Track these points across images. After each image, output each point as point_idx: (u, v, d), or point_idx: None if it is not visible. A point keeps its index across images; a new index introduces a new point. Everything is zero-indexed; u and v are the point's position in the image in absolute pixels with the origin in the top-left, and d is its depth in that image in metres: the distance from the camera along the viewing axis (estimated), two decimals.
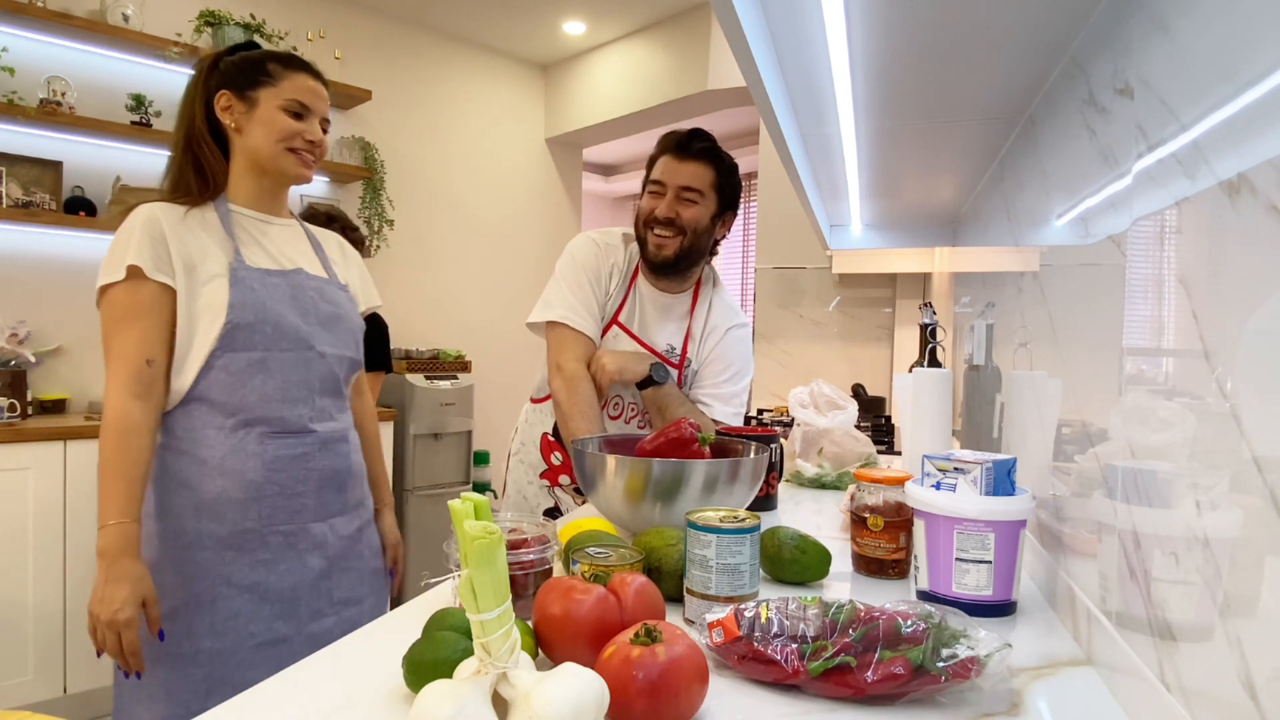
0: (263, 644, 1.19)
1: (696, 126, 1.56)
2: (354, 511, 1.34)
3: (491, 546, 0.57)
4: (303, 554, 1.24)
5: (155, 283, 1.16)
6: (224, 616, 1.17)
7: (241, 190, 1.28)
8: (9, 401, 2.46)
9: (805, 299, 3.39)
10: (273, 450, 1.20)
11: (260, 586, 1.20)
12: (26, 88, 2.61)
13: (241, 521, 1.18)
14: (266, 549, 1.20)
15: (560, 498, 1.69)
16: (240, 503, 1.18)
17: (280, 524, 1.21)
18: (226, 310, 1.16)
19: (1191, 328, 0.58)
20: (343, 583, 1.30)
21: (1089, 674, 0.76)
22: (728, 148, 1.62)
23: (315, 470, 1.25)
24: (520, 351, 4.27)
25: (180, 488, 1.18)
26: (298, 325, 1.23)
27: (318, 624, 1.26)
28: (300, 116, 1.26)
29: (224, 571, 1.18)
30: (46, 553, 2.34)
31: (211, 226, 1.23)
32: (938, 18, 0.93)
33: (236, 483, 1.18)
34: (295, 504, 1.23)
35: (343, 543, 1.30)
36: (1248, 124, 0.50)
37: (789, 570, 1.01)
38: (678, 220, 1.51)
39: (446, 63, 4.04)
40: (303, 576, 1.24)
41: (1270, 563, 0.45)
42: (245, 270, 1.20)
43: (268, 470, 1.20)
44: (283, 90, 1.25)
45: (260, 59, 1.27)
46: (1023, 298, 1.25)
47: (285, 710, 0.66)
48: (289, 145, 1.25)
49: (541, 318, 1.57)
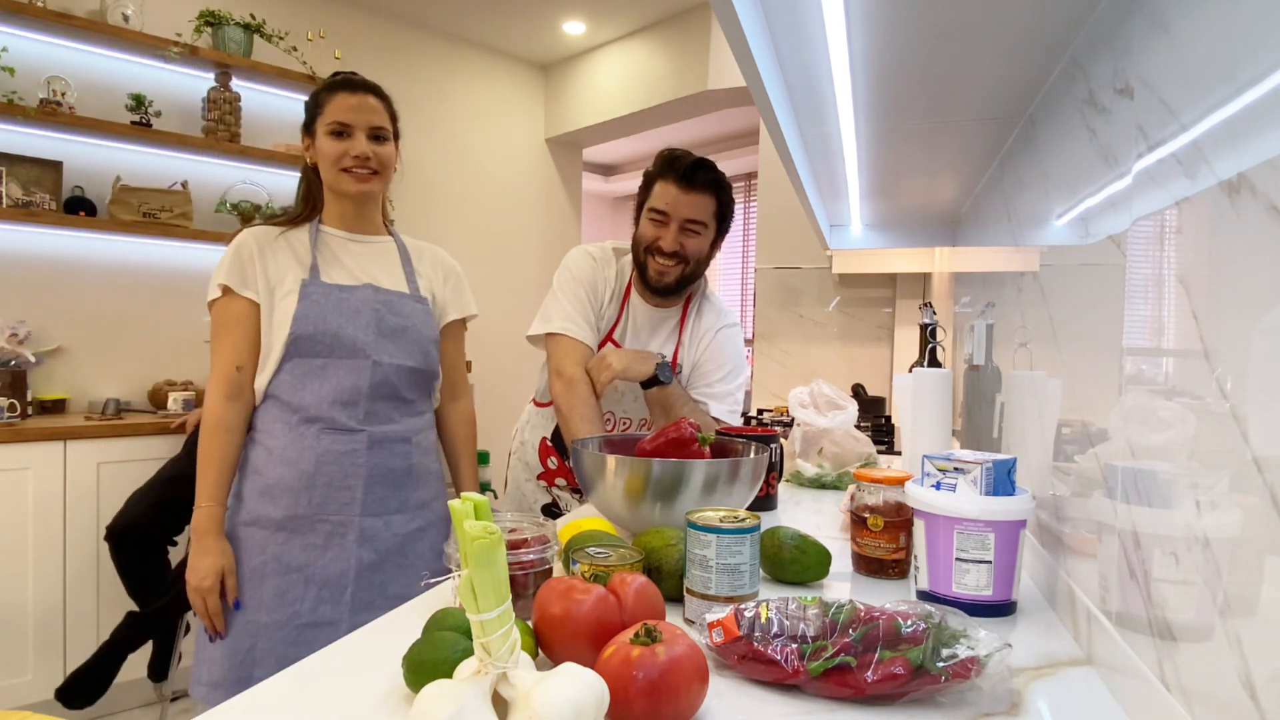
0: (308, 624, 1.30)
1: (698, 156, 1.54)
2: (415, 511, 1.42)
3: (491, 546, 0.57)
4: (351, 544, 1.33)
5: (243, 299, 1.33)
6: (273, 593, 1.29)
7: (331, 212, 1.44)
8: (9, 401, 2.45)
9: (805, 299, 3.39)
10: (326, 444, 1.33)
11: (308, 569, 1.31)
12: (26, 88, 2.61)
13: (294, 507, 1.31)
14: (315, 534, 1.32)
15: (558, 495, 1.70)
16: (294, 490, 1.31)
17: (330, 513, 1.32)
18: (291, 323, 1.31)
19: (1191, 328, 0.58)
20: (398, 579, 1.38)
21: (1089, 674, 0.76)
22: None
23: (364, 466, 1.35)
24: (520, 352, 4.26)
25: (253, 472, 1.34)
26: (356, 336, 1.34)
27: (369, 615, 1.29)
28: (342, 135, 1.36)
29: (277, 550, 1.30)
30: (46, 553, 2.34)
31: (299, 246, 1.39)
32: (938, 18, 0.93)
33: (293, 471, 1.31)
34: (344, 495, 1.33)
35: (399, 540, 1.39)
36: (1248, 124, 0.50)
37: (789, 570, 1.01)
38: (682, 252, 1.52)
39: (446, 63, 4.04)
40: (350, 566, 1.33)
41: (1270, 563, 0.45)
42: (315, 286, 1.35)
43: (319, 462, 1.32)
44: (325, 116, 1.37)
45: (316, 92, 1.40)
46: (1023, 298, 1.26)
47: (286, 710, 0.66)
48: (340, 166, 1.36)
49: (541, 330, 1.59)
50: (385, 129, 1.41)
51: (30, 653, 2.31)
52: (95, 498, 2.41)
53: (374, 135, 1.38)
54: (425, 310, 1.46)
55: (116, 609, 2.44)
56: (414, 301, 1.45)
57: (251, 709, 0.66)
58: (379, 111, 1.40)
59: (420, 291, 1.47)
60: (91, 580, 2.40)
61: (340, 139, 1.36)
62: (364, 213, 1.45)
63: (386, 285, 1.42)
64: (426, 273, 1.51)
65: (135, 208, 2.76)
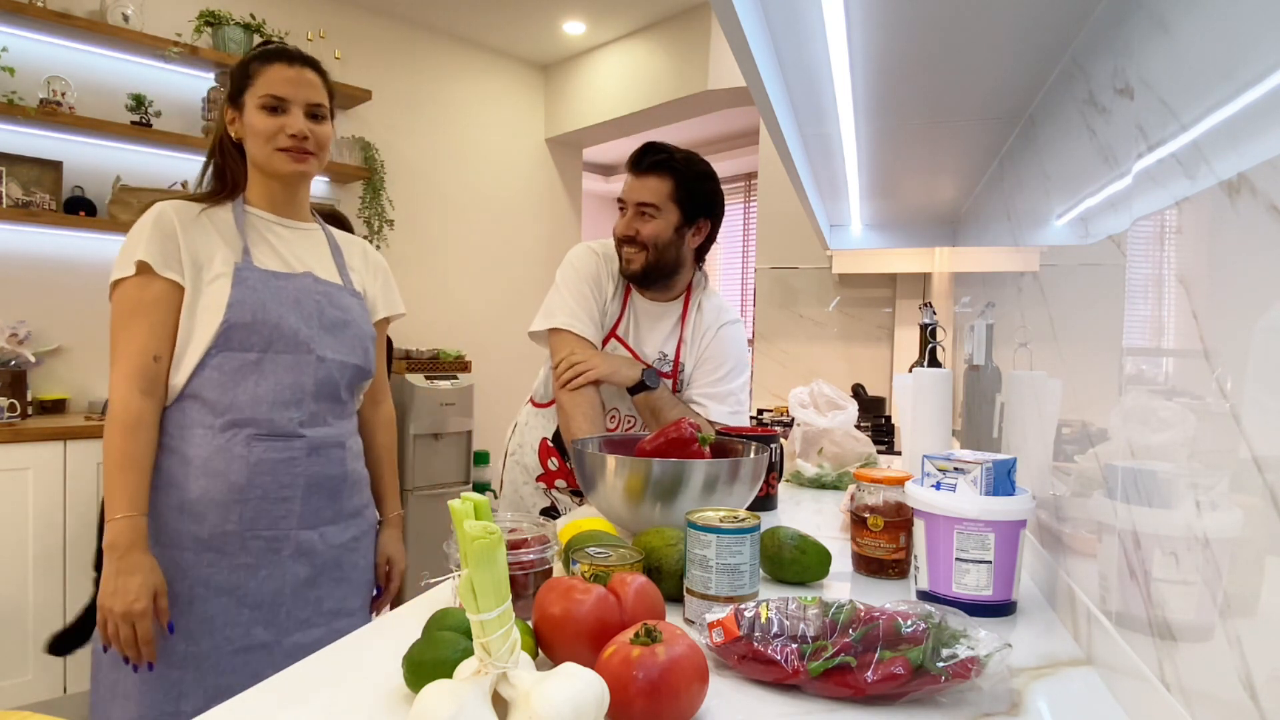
0: (240, 650, 1.17)
1: (652, 140, 1.58)
2: (350, 520, 1.31)
3: (491, 546, 0.57)
4: (286, 560, 1.21)
5: (164, 279, 1.16)
6: (200, 619, 1.16)
7: (256, 193, 1.28)
8: (9, 401, 2.45)
9: (805, 299, 3.39)
10: (259, 453, 1.18)
11: (239, 591, 1.18)
12: (26, 88, 2.61)
13: (223, 524, 1.17)
14: (247, 553, 1.18)
15: (556, 498, 1.70)
16: (222, 504, 1.16)
17: (262, 528, 1.19)
18: (225, 309, 1.16)
19: (1191, 328, 0.58)
20: (334, 593, 1.27)
21: (1089, 674, 0.76)
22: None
23: (303, 475, 1.22)
24: (520, 352, 4.27)
25: (166, 485, 1.17)
26: (298, 328, 1.21)
27: (304, 634, 1.23)
28: (278, 110, 1.22)
29: (202, 573, 1.16)
30: (46, 552, 2.34)
31: (224, 226, 1.23)
32: (938, 17, 0.93)
33: (220, 484, 1.16)
34: (280, 509, 1.20)
35: (334, 551, 1.27)
36: (1248, 124, 0.50)
37: (789, 570, 1.01)
38: (637, 237, 1.53)
39: (446, 63, 4.04)
40: (285, 583, 1.21)
41: (1270, 563, 0.45)
42: (250, 270, 1.19)
43: (252, 473, 1.18)
44: (259, 88, 1.22)
45: (245, 61, 1.25)
46: (1023, 298, 1.26)
47: (286, 710, 0.66)
48: (275, 145, 1.22)
49: (543, 325, 1.58)
50: (324, 106, 1.27)
51: (30, 653, 2.31)
52: (95, 498, 2.41)
53: (311, 113, 1.25)
54: (362, 305, 1.35)
55: None
56: (350, 295, 1.32)
57: (251, 709, 0.66)
58: (317, 87, 1.26)
59: (354, 285, 1.35)
60: (91, 580, 2.40)
61: (274, 114, 1.22)
62: (293, 196, 1.31)
63: (323, 275, 1.30)
64: (358, 266, 1.39)
65: (135, 208, 2.76)
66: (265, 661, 1.18)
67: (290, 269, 1.26)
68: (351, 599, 1.31)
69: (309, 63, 1.27)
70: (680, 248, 1.58)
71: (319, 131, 1.26)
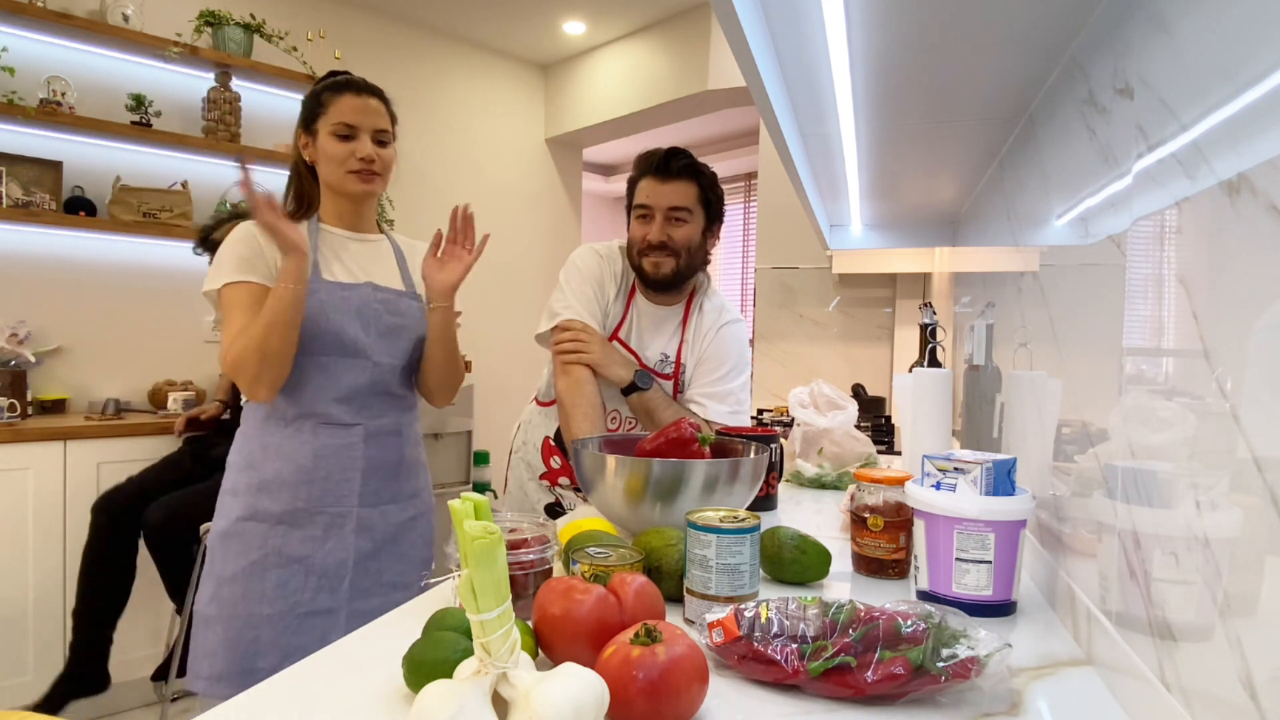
0: (309, 614, 1.33)
1: (672, 146, 1.58)
2: (408, 501, 1.46)
3: (491, 546, 0.57)
4: (349, 535, 1.36)
5: (260, 285, 1.32)
6: (274, 584, 1.31)
7: (329, 210, 1.45)
8: (9, 401, 2.45)
9: (805, 299, 3.39)
10: (323, 439, 1.35)
11: (308, 560, 1.33)
12: (26, 88, 2.61)
13: (294, 501, 1.33)
14: (315, 526, 1.34)
15: (561, 494, 1.70)
16: (292, 484, 1.33)
17: (328, 505, 1.35)
18: None
19: (1191, 328, 0.58)
20: (393, 567, 1.42)
21: (1089, 674, 0.76)
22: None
23: (361, 459, 1.38)
24: (520, 352, 4.27)
25: (246, 467, 1.36)
26: (358, 336, 1.37)
27: (365, 602, 1.38)
28: (349, 138, 1.38)
29: (276, 543, 1.32)
30: (46, 552, 2.34)
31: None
32: (938, 18, 0.93)
33: (291, 466, 1.34)
34: (343, 489, 1.36)
35: (393, 529, 1.42)
36: (1248, 124, 0.50)
37: (789, 570, 1.01)
38: (670, 243, 1.53)
39: (446, 63, 4.04)
40: (348, 555, 1.36)
41: (1270, 563, 0.45)
42: (317, 283, 1.35)
43: (317, 457, 1.35)
44: (330, 116, 1.38)
45: (318, 91, 1.41)
46: (1023, 298, 1.26)
47: (286, 710, 0.66)
48: (346, 168, 1.38)
49: (548, 325, 1.58)
50: (388, 132, 1.44)
51: (30, 653, 2.31)
52: (95, 498, 2.41)
53: (378, 139, 1.41)
54: (420, 307, 1.48)
55: None
56: (409, 299, 1.47)
57: (251, 708, 0.66)
58: (382, 114, 1.43)
59: (415, 289, 1.50)
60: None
61: (346, 141, 1.38)
62: (362, 212, 1.47)
63: (384, 283, 1.45)
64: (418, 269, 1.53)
65: (135, 208, 2.76)
66: (330, 625, 1.34)
67: (354, 279, 1.42)
68: (409, 573, 1.45)
69: (375, 92, 1.44)
70: (703, 252, 1.60)
71: (384, 155, 1.43)
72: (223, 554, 1.34)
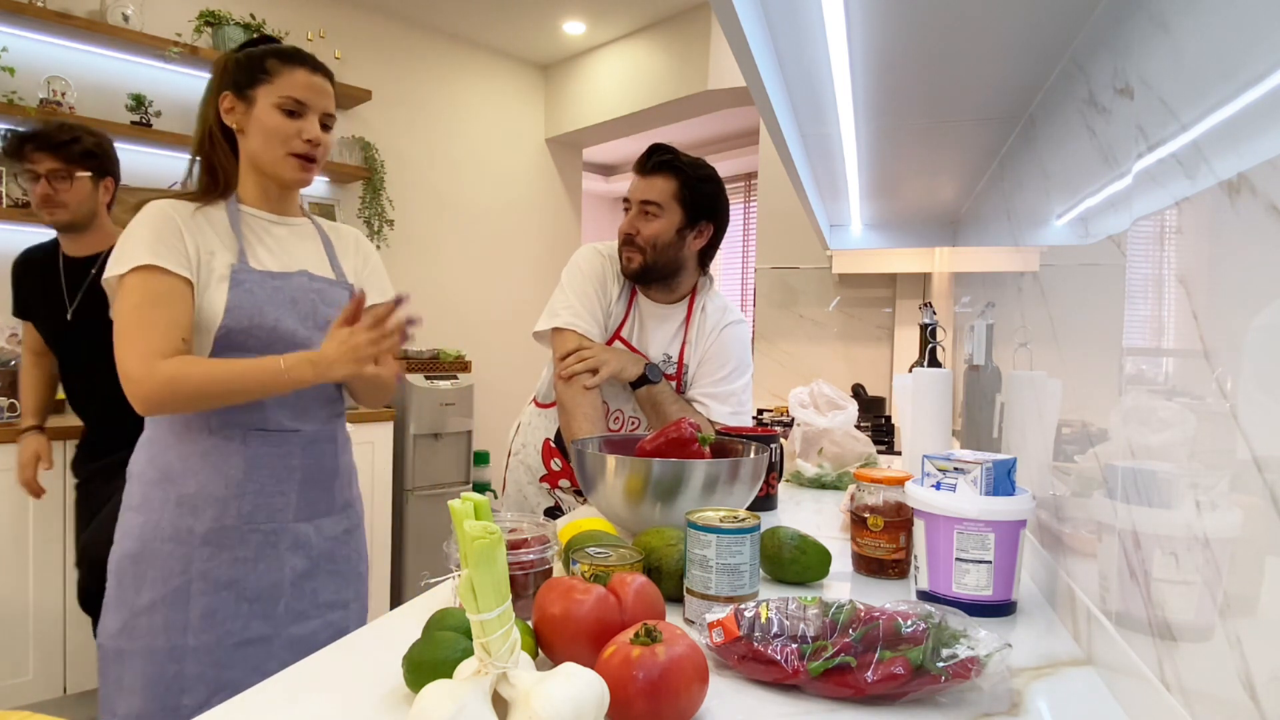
0: (241, 643, 1.18)
1: (659, 143, 1.59)
2: (342, 513, 1.32)
3: (491, 546, 0.57)
4: (284, 553, 1.22)
5: (175, 275, 1.15)
6: (200, 613, 1.16)
7: (249, 190, 1.27)
8: (9, 401, 2.45)
9: (805, 299, 3.39)
10: (254, 448, 1.20)
11: (238, 584, 1.18)
12: (26, 88, 2.61)
13: (221, 518, 1.18)
14: (245, 546, 1.19)
15: (560, 498, 1.70)
16: (220, 499, 1.18)
17: (260, 522, 1.20)
18: (223, 314, 1.16)
19: (1191, 328, 0.58)
20: (328, 585, 1.28)
21: (1089, 674, 0.76)
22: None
23: (299, 469, 1.24)
24: (520, 351, 4.27)
25: (163, 480, 1.18)
26: (295, 330, 1.22)
27: (301, 626, 1.24)
28: (296, 114, 1.22)
29: (203, 567, 1.17)
30: (47, 553, 2.33)
31: (219, 226, 1.22)
32: (938, 18, 0.93)
33: (218, 478, 1.18)
34: (277, 502, 1.22)
35: (328, 544, 1.29)
36: (1248, 124, 0.50)
37: (789, 570, 1.01)
38: (636, 236, 1.54)
39: (446, 63, 4.04)
40: (283, 576, 1.22)
41: (1270, 563, 0.45)
42: (246, 273, 1.20)
43: (249, 468, 1.19)
44: (278, 87, 1.21)
45: (260, 55, 1.23)
46: (1023, 298, 1.25)
47: (286, 710, 0.66)
48: (288, 149, 1.22)
49: (547, 325, 1.58)
50: (333, 117, 1.29)
51: (31, 653, 2.31)
52: None
53: (324, 123, 1.27)
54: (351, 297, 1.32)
55: None
56: (342, 288, 1.32)
57: (251, 707, 0.66)
58: (332, 98, 1.28)
59: (346, 277, 1.35)
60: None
61: (292, 118, 1.22)
62: (290, 195, 1.32)
63: (317, 271, 1.30)
64: (348, 256, 1.39)
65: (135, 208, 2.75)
66: (265, 654, 1.19)
67: (285, 268, 1.25)
68: (345, 590, 1.32)
69: (327, 73, 1.28)
70: (681, 249, 1.57)
71: (326, 141, 1.27)
72: (134, 580, 1.16)
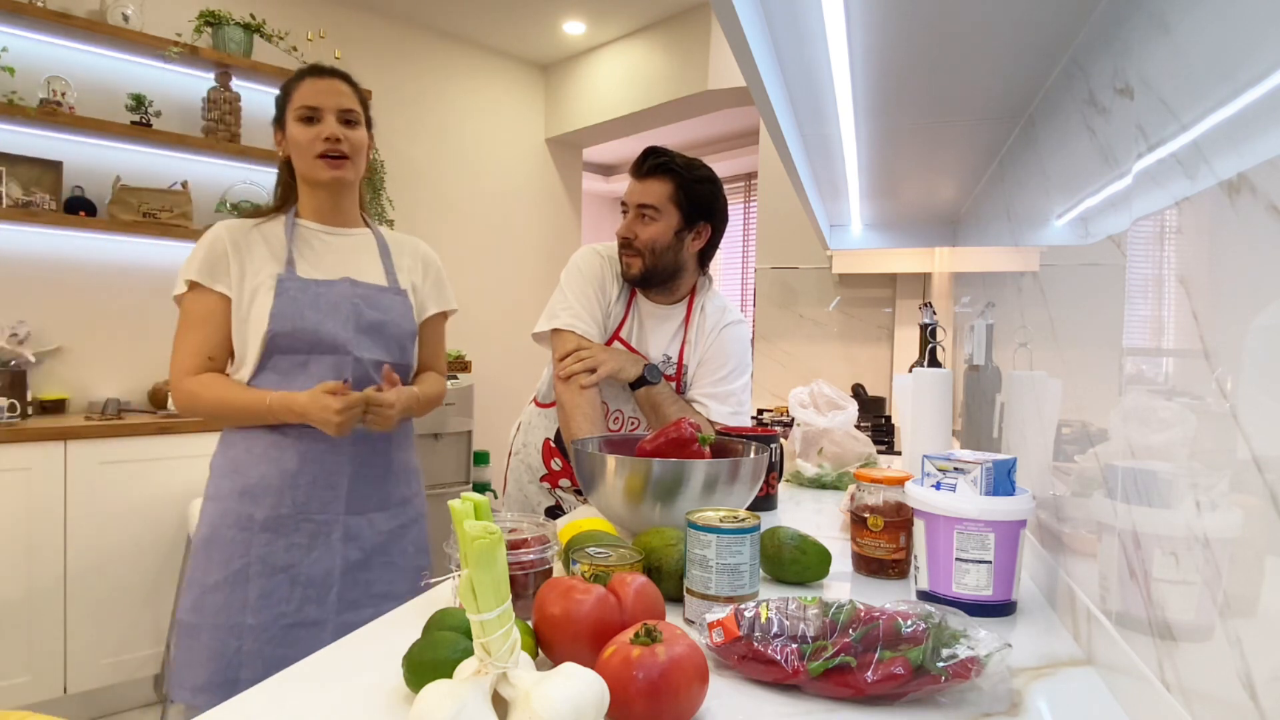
0: (294, 625, 1.28)
1: (654, 145, 1.58)
2: (397, 508, 1.41)
3: (491, 546, 0.57)
4: (335, 543, 1.32)
5: (214, 293, 1.31)
6: (258, 594, 1.27)
7: (305, 205, 1.41)
8: (9, 401, 2.45)
9: (805, 299, 3.39)
10: (307, 443, 1.31)
11: (292, 570, 1.29)
12: (26, 88, 2.61)
13: (277, 506, 1.29)
14: (299, 534, 1.30)
15: (561, 497, 1.70)
16: (276, 489, 1.29)
17: (313, 512, 1.31)
18: (269, 320, 1.29)
19: (1191, 328, 0.58)
20: (382, 577, 1.37)
21: (1089, 674, 0.76)
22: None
23: (348, 464, 1.34)
24: (520, 351, 4.27)
25: (232, 472, 1.31)
26: (336, 333, 1.32)
27: (354, 614, 1.32)
28: (313, 120, 1.33)
29: (260, 552, 1.28)
30: (46, 553, 2.34)
31: (273, 239, 1.36)
32: (938, 18, 0.93)
33: (275, 470, 1.30)
34: (329, 494, 1.32)
35: (382, 538, 1.38)
36: (1248, 124, 0.50)
37: (789, 570, 1.01)
38: (634, 241, 1.54)
39: (446, 63, 4.04)
40: (334, 565, 1.32)
41: (1270, 563, 0.45)
42: (291, 281, 1.32)
43: (302, 460, 1.30)
44: (294, 102, 1.34)
45: (284, 84, 1.38)
46: (1023, 298, 1.26)
47: (286, 710, 0.66)
48: (313, 152, 1.33)
49: (546, 326, 1.58)
50: (355, 111, 1.37)
51: (30, 653, 2.31)
52: (95, 498, 2.41)
53: (344, 119, 1.35)
54: (405, 303, 1.43)
55: (117, 608, 2.44)
56: (393, 294, 1.42)
57: (251, 709, 0.66)
58: (348, 94, 1.37)
59: (400, 284, 1.44)
60: (92, 580, 2.41)
61: (310, 124, 1.33)
62: (340, 205, 1.42)
63: (364, 278, 1.39)
64: (407, 265, 1.48)
65: (135, 208, 2.76)
66: (317, 638, 1.27)
67: (332, 275, 1.37)
68: (399, 583, 1.39)
69: (339, 74, 1.38)
70: (680, 251, 1.57)
71: (352, 136, 1.36)
72: (205, 561, 1.29)
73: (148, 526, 2.51)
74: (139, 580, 2.50)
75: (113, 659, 2.45)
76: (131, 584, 2.48)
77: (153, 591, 2.53)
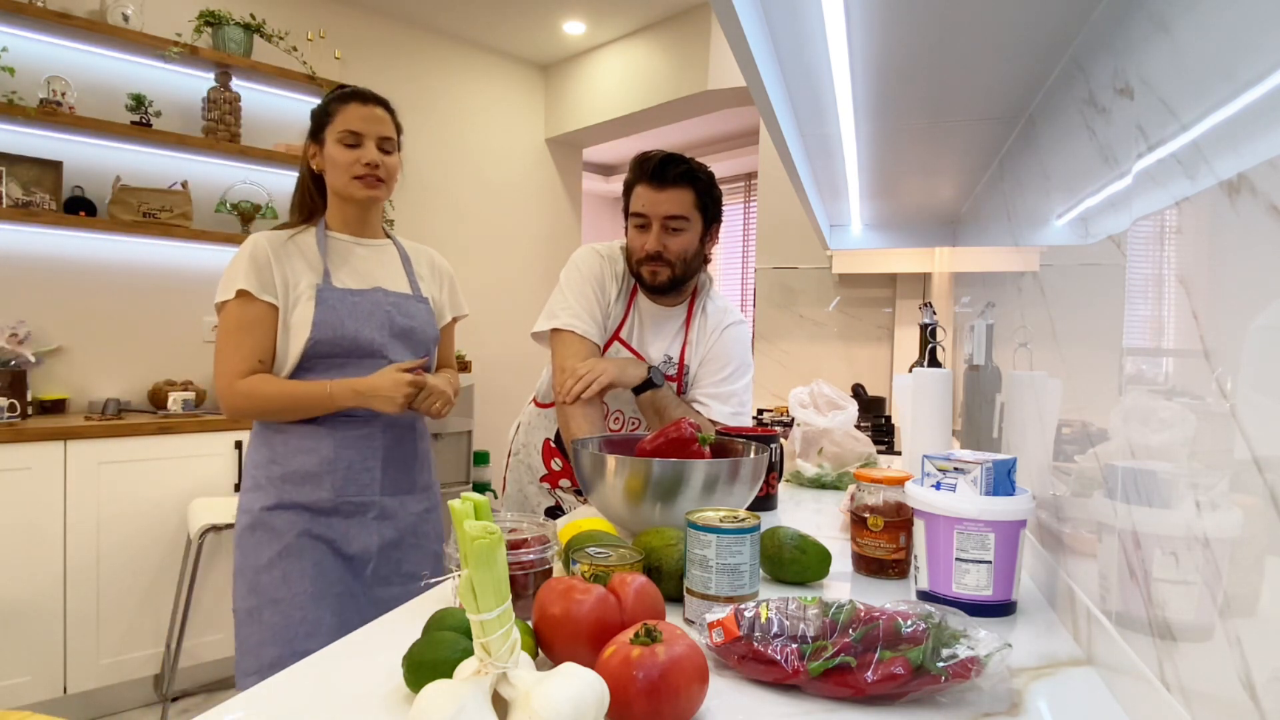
0: (340, 594, 1.39)
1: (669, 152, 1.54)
2: (423, 493, 1.54)
3: (491, 546, 0.57)
4: (371, 522, 1.44)
5: (262, 302, 1.39)
6: (312, 563, 1.37)
7: (334, 217, 1.51)
8: (9, 401, 2.45)
9: (805, 299, 3.39)
10: (343, 431, 1.42)
11: (336, 544, 1.40)
12: (26, 88, 2.61)
13: (318, 491, 1.40)
14: (340, 514, 1.41)
15: (561, 497, 1.70)
16: (316, 475, 1.40)
17: (351, 495, 1.42)
18: (311, 327, 1.38)
19: (1191, 328, 0.58)
20: (411, 557, 1.48)
21: (1089, 674, 0.76)
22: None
23: (380, 449, 1.45)
24: (520, 351, 4.27)
25: (270, 462, 1.41)
26: (373, 338, 1.44)
27: (385, 590, 1.45)
28: (354, 145, 1.43)
29: (307, 527, 1.38)
30: (46, 553, 2.34)
31: (308, 250, 1.46)
32: (938, 17, 0.93)
33: (314, 458, 1.40)
34: (365, 478, 1.43)
35: (412, 519, 1.50)
36: (1248, 124, 0.50)
37: (789, 570, 1.01)
38: (666, 253, 1.51)
39: (446, 63, 4.04)
40: (372, 543, 1.43)
41: (1270, 563, 0.45)
42: (329, 291, 1.42)
43: (338, 448, 1.41)
44: (337, 124, 1.43)
45: (325, 103, 1.47)
46: (1023, 298, 1.25)
47: (286, 709, 0.66)
48: (351, 174, 1.43)
49: (545, 326, 1.57)
50: (392, 140, 1.48)
51: (30, 653, 2.31)
52: (95, 498, 2.41)
53: (382, 147, 1.46)
54: (428, 311, 1.55)
55: (116, 608, 2.44)
56: (418, 302, 1.53)
57: (251, 709, 0.66)
58: (387, 123, 1.48)
59: (422, 293, 1.56)
60: (92, 580, 2.41)
61: (352, 149, 1.43)
62: (367, 218, 1.52)
63: (392, 287, 1.51)
64: (425, 275, 1.60)
65: (135, 208, 2.76)
66: (353, 609, 1.39)
67: (365, 284, 1.47)
68: (424, 564, 1.51)
69: (381, 102, 1.48)
70: (701, 256, 1.59)
71: (388, 162, 1.47)
72: (253, 545, 1.37)
73: (148, 526, 2.51)
74: (139, 580, 2.50)
75: (113, 659, 2.45)
76: (131, 584, 2.48)
77: (152, 591, 2.53)
